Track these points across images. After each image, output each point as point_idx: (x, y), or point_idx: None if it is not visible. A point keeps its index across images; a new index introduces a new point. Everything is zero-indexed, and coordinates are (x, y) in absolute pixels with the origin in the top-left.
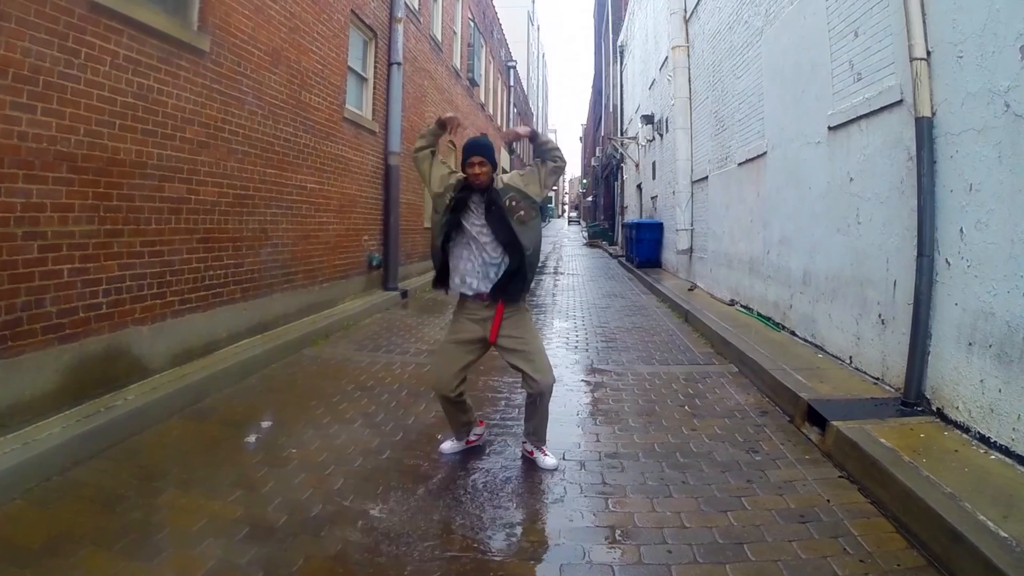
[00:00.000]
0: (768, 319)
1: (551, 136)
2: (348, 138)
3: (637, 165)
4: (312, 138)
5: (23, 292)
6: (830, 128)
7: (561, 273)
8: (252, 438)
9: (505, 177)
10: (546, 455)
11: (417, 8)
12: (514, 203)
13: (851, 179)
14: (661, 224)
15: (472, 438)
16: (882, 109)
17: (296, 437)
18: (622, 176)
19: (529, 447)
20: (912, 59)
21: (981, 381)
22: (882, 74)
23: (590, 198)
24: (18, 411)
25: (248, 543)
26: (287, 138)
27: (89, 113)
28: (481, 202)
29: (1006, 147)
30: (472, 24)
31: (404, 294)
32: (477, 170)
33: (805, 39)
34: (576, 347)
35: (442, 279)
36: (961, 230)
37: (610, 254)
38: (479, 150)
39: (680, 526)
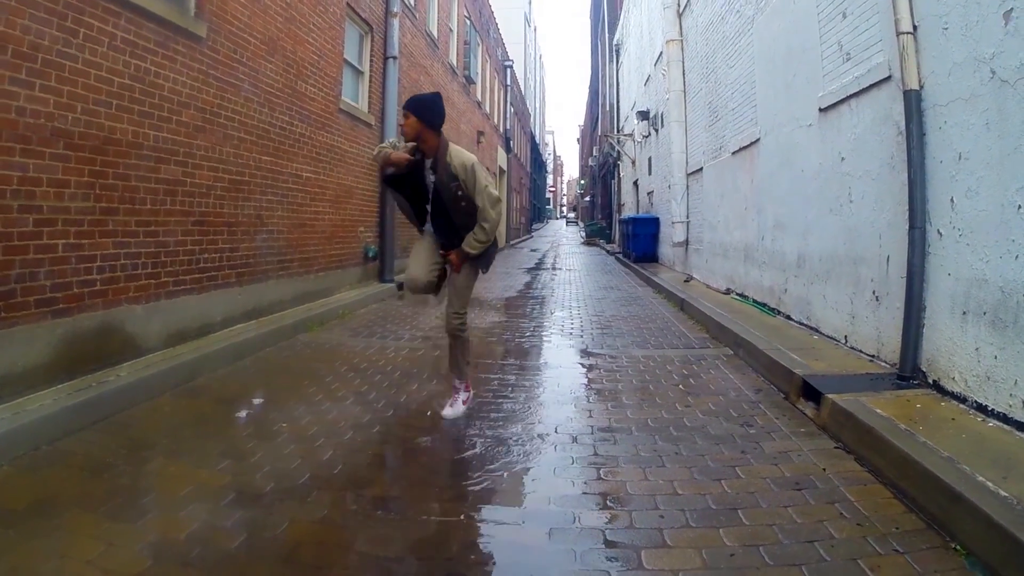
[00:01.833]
0: (763, 305)
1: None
2: (344, 129)
3: (633, 162)
4: (308, 127)
5: (17, 264)
6: (821, 110)
7: (558, 269)
8: (243, 413)
9: (458, 160)
10: (452, 404)
11: (413, 4)
12: (459, 192)
13: (842, 158)
14: (657, 219)
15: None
16: (871, 87)
17: (287, 413)
18: (619, 174)
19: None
20: (899, 33)
21: (976, 349)
22: (870, 52)
23: (587, 198)
24: (9, 382)
25: (234, 508)
26: (282, 126)
27: (86, 92)
28: (428, 170)
29: (993, 113)
30: (468, 21)
31: (400, 286)
32: (401, 120)
33: (795, 24)
34: (571, 334)
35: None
36: (952, 200)
37: (607, 251)
38: (407, 104)
39: (673, 493)
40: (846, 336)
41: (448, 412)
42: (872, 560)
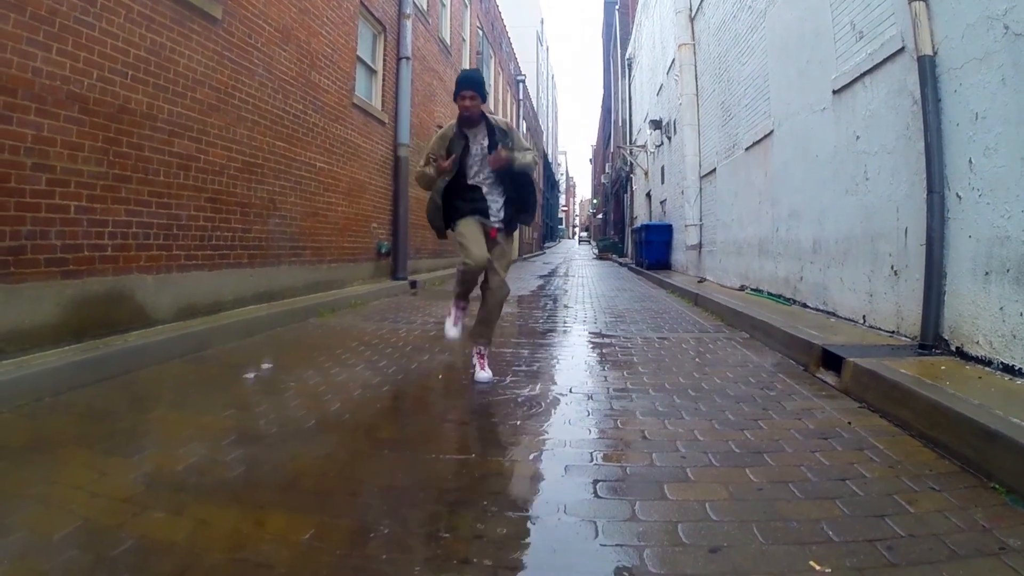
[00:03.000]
0: (779, 296)
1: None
2: (357, 124)
3: (646, 173)
4: (321, 118)
5: (29, 221)
6: (834, 92)
7: (571, 276)
8: (251, 375)
9: (502, 123)
10: (484, 368)
11: (426, 9)
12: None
13: (857, 137)
14: (670, 226)
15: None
16: (885, 61)
17: (296, 375)
18: (631, 188)
19: (473, 350)
20: (911, 1)
21: (1001, 309)
22: (883, 27)
23: (600, 215)
24: (15, 338)
25: (235, 446)
26: (296, 114)
27: (102, 60)
28: (479, 139)
29: (1008, 69)
30: (481, 32)
31: (413, 284)
32: (468, 103)
33: (808, 10)
34: (584, 321)
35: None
36: (970, 161)
37: (619, 263)
38: (470, 84)
39: (693, 439)
40: (864, 316)
41: (483, 375)
42: (908, 496)
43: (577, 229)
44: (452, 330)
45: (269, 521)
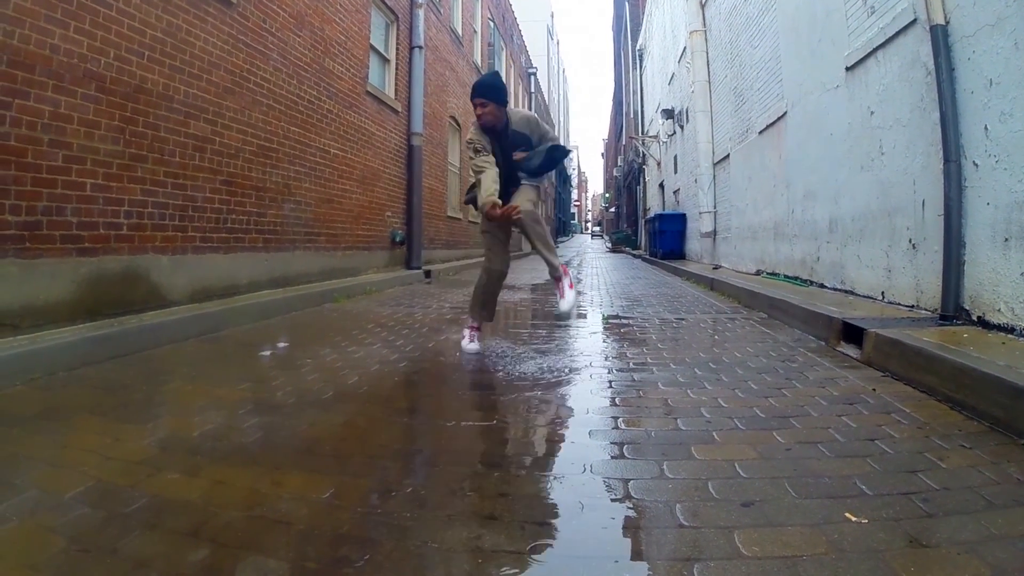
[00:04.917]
0: (795, 279)
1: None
2: (371, 112)
3: (659, 163)
4: (335, 105)
5: (45, 197)
6: (847, 69)
7: (584, 266)
8: (267, 352)
9: (520, 119)
10: (563, 296)
11: None
12: (523, 149)
13: (872, 113)
14: (684, 215)
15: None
16: (897, 34)
17: (313, 352)
18: (644, 179)
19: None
20: None
21: (1022, 274)
22: (893, 0)
23: (612, 209)
24: (30, 314)
25: (251, 415)
26: (311, 100)
27: (119, 40)
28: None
29: (1021, 32)
30: (492, 24)
31: (428, 274)
32: (479, 111)
33: None
34: (600, 305)
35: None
36: (986, 127)
37: (633, 255)
38: (478, 91)
39: (717, 406)
40: (883, 292)
41: (564, 301)
42: (939, 453)
43: (590, 224)
44: (470, 345)
45: (287, 481)
